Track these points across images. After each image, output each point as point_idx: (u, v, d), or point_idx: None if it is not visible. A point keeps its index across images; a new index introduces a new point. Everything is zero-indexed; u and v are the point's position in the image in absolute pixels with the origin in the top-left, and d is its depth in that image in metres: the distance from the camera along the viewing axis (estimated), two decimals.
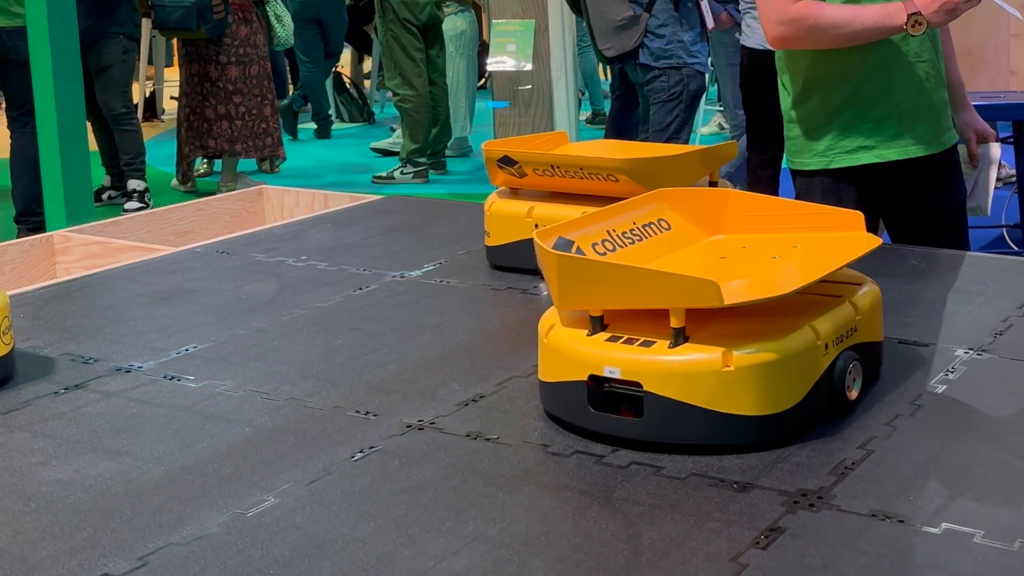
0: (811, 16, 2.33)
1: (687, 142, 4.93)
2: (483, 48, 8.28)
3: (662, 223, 1.50)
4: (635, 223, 1.47)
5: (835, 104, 2.41)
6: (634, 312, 1.29)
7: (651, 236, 1.46)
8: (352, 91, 10.38)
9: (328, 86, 9.77)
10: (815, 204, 1.53)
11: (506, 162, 1.92)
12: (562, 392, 1.30)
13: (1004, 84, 6.59)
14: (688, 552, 1.04)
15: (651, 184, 1.67)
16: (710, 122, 8.78)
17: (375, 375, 1.52)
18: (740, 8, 5.02)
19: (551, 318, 1.35)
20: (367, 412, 1.39)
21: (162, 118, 10.77)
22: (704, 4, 4.85)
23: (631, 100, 5.58)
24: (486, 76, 8.14)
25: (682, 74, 4.74)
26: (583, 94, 9.16)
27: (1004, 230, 5.21)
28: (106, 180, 7.12)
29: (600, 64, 8.17)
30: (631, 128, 5.60)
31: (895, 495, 1.14)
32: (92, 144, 5.38)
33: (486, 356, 1.58)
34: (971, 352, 1.52)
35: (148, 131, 8.79)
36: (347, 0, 9.85)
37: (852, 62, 2.38)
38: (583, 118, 8.70)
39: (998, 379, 1.44)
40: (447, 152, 7.93)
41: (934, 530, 1.07)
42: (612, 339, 1.27)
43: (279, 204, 2.83)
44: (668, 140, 4.70)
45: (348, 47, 10.84)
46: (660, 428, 1.23)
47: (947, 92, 2.49)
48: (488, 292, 1.88)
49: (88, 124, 5.19)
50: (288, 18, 7.70)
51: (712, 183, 1.91)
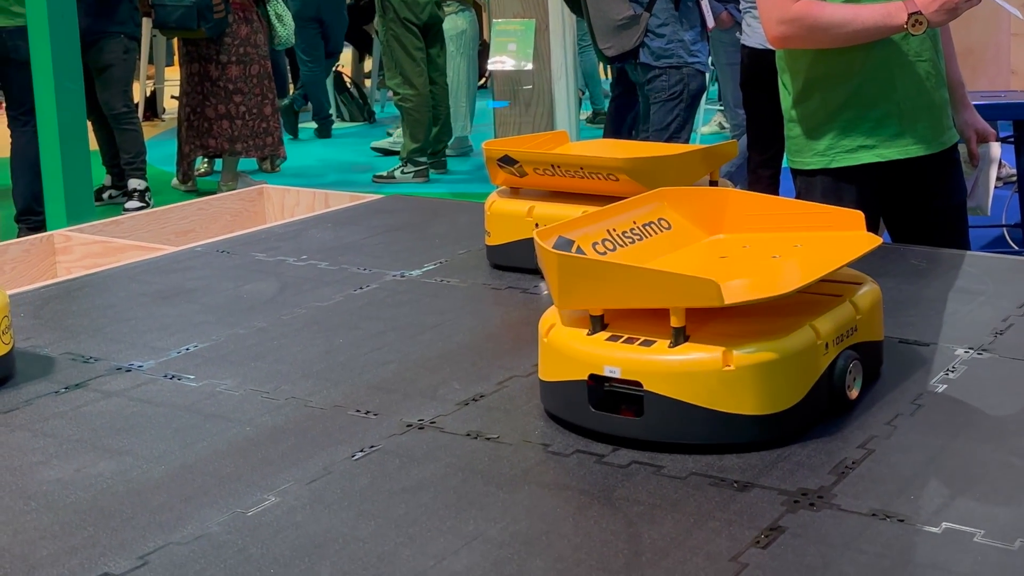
0: (811, 15, 2.33)
1: (687, 141, 4.93)
2: (483, 47, 8.28)
3: (662, 222, 1.50)
4: (635, 222, 1.47)
5: (836, 103, 2.40)
6: (634, 311, 1.29)
7: (651, 235, 1.46)
8: (353, 90, 10.38)
9: (329, 85, 9.77)
10: (815, 203, 1.52)
11: (506, 161, 1.92)
12: (562, 391, 1.30)
13: (1005, 83, 6.58)
14: (688, 551, 1.04)
15: (651, 183, 1.67)
16: (710, 121, 8.78)
17: (375, 374, 1.51)
18: (740, 7, 5.02)
19: (551, 317, 1.35)
20: (367, 411, 1.39)
21: (163, 117, 10.77)
22: (704, 3, 4.85)
23: (629, 99, 5.58)
24: (486, 75, 8.13)
25: (682, 73, 4.74)
26: (583, 93, 9.15)
27: (1004, 229, 5.21)
28: (107, 179, 7.13)
29: (600, 63, 8.18)
30: (628, 128, 5.61)
31: (895, 494, 1.14)
32: (93, 143, 5.37)
33: (486, 355, 1.58)
34: (971, 351, 1.52)
35: (148, 130, 8.80)
36: None
37: (853, 61, 2.37)
38: (583, 117, 8.70)
39: (998, 378, 1.44)
40: (447, 151, 7.93)
41: (934, 529, 1.07)
42: (612, 338, 1.27)
43: (279, 203, 2.82)
44: (668, 139, 4.70)
45: (349, 46, 10.84)
46: (660, 427, 1.23)
47: (947, 91, 2.49)
48: (488, 291, 1.88)
49: (89, 123, 5.19)
50: (289, 17, 7.70)
51: (712, 182, 1.91)
